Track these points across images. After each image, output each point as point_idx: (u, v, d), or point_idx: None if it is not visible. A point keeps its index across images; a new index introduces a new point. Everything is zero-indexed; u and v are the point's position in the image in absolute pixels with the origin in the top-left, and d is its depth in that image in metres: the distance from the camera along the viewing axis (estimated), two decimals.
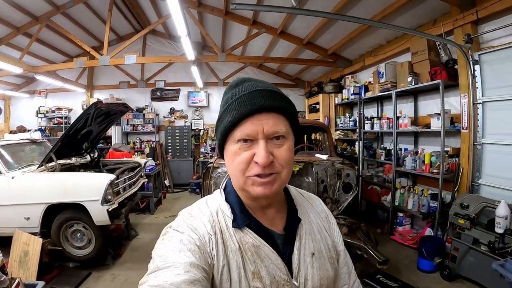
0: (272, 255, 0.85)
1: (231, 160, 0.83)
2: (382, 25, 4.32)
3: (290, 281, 0.86)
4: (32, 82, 10.18)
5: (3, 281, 2.04)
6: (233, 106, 0.80)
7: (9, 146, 4.73)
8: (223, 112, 0.83)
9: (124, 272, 4.29)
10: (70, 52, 9.32)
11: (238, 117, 0.78)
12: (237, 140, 0.80)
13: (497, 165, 3.95)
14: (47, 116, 9.99)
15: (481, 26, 4.11)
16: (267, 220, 0.91)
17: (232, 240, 0.84)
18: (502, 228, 3.25)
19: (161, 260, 0.74)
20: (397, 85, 5.38)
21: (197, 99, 10.48)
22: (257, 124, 0.78)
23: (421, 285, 3.80)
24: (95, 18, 7.96)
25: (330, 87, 7.71)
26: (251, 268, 0.83)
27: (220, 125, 0.84)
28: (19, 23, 7.01)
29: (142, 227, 6.15)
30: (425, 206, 4.73)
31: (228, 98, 0.83)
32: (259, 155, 0.77)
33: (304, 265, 0.90)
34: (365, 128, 6.13)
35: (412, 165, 4.94)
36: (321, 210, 1.08)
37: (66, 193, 4.09)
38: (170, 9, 3.99)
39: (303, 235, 0.93)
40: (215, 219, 0.87)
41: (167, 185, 9.60)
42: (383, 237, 5.34)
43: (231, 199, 0.91)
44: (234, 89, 0.85)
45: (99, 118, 4.95)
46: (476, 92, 4.10)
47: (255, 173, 0.79)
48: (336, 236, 1.06)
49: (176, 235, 0.81)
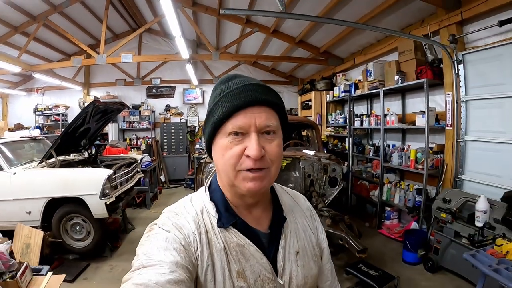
0: (257, 254, 0.85)
1: (221, 155, 0.81)
2: (366, 27, 4.51)
3: (275, 279, 0.87)
4: (30, 80, 10.25)
5: (13, 264, 2.22)
6: (226, 99, 0.79)
7: (9, 143, 4.87)
8: (214, 105, 0.82)
9: (121, 263, 4.48)
10: (67, 50, 9.42)
11: (231, 109, 0.78)
12: (228, 133, 0.79)
13: (479, 162, 4.11)
14: (44, 113, 10.08)
15: (466, 26, 4.23)
16: (253, 219, 0.91)
17: (217, 239, 0.84)
18: (482, 222, 3.38)
19: (146, 258, 0.73)
20: (385, 83, 5.53)
21: (192, 96, 10.63)
22: (250, 117, 0.78)
23: (405, 276, 3.94)
24: (92, 17, 8.05)
25: (322, 85, 7.86)
26: (236, 268, 0.83)
27: (211, 118, 0.82)
28: (17, 23, 7.10)
29: (138, 221, 6.34)
30: (410, 201, 4.89)
31: (220, 92, 0.83)
32: (251, 148, 0.76)
33: (289, 263, 0.91)
34: (355, 125, 6.30)
35: (399, 161, 5.09)
36: (306, 208, 1.09)
37: (66, 187, 4.27)
38: (164, 11, 4.15)
39: (288, 234, 0.94)
40: (200, 218, 0.86)
41: (163, 181, 9.75)
42: (371, 230, 5.53)
43: (216, 197, 0.91)
44: (225, 84, 0.84)
45: (96, 116, 5.11)
46: (460, 90, 4.23)
47: (247, 167, 0.78)
48: (320, 233, 1.07)
49: (162, 233, 0.80)
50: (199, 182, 3.71)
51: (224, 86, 0.83)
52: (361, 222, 5.87)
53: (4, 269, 2.18)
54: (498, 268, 2.37)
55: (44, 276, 2.45)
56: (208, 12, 7.19)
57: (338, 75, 7.46)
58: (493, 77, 3.83)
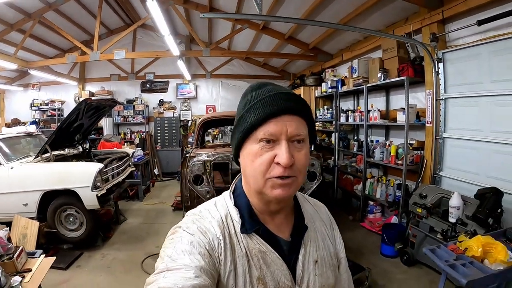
0: (278, 261, 0.86)
1: (250, 161, 0.81)
2: (346, 28, 4.64)
3: (293, 287, 0.87)
4: (26, 75, 10.35)
5: (10, 248, 2.51)
6: (258, 106, 0.80)
7: (7, 139, 5.07)
8: (245, 112, 0.81)
9: (112, 252, 4.74)
10: (63, 46, 9.55)
11: (263, 116, 0.78)
12: (259, 140, 0.79)
13: (456, 159, 4.21)
14: (40, 108, 10.26)
15: (448, 25, 4.30)
16: (275, 226, 0.91)
17: (240, 245, 0.84)
18: (455, 217, 3.47)
19: (170, 261, 0.73)
20: (368, 80, 5.68)
21: (185, 91, 10.79)
22: (281, 125, 0.78)
23: (381, 268, 4.10)
24: (86, 14, 8.15)
25: (311, 80, 8.04)
26: (256, 274, 0.83)
27: (242, 124, 0.82)
28: (13, 20, 7.20)
29: (130, 212, 6.58)
30: (391, 196, 5.05)
31: (251, 99, 0.83)
32: (282, 156, 0.77)
33: (307, 272, 0.91)
34: (341, 120, 6.48)
35: (381, 156, 5.24)
36: (326, 218, 1.09)
37: (60, 181, 4.50)
38: (151, 12, 4.31)
39: (308, 243, 0.94)
40: (224, 223, 0.86)
41: (156, 174, 9.94)
42: (354, 224, 5.71)
43: (240, 202, 0.91)
44: (256, 91, 0.84)
45: (89, 112, 5.32)
46: (440, 88, 4.33)
47: (276, 175, 0.78)
48: (338, 243, 1.08)
49: (186, 236, 0.80)
50: (184, 175, 3.90)
51: (255, 93, 0.84)
52: (346, 216, 6.06)
53: (3, 252, 2.47)
54: (454, 263, 2.42)
55: (38, 258, 2.71)
56: (198, 9, 7.30)
57: (327, 71, 7.60)
58: (471, 75, 3.92)
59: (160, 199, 7.63)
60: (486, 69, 3.69)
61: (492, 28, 3.69)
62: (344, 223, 5.73)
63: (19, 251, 2.53)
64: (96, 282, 3.95)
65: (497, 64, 3.58)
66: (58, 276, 3.96)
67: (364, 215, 5.74)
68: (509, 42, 3.39)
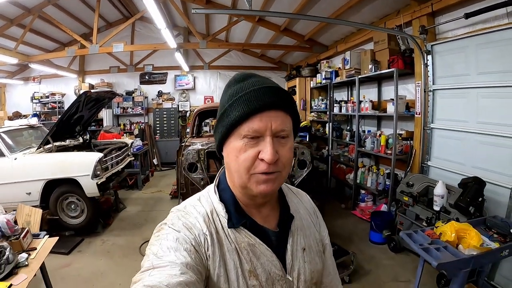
0: (267, 252, 0.86)
1: (234, 157, 0.80)
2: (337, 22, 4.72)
3: (284, 276, 0.88)
4: (26, 69, 10.44)
5: (17, 229, 2.78)
6: (242, 101, 0.77)
7: (9, 131, 5.27)
8: (229, 106, 0.79)
9: (112, 238, 4.98)
10: (62, 40, 9.63)
11: (247, 112, 0.76)
12: (243, 136, 0.78)
13: (443, 149, 4.31)
14: (41, 101, 10.38)
15: (438, 18, 4.34)
16: (262, 218, 0.91)
17: (228, 240, 0.84)
18: (439, 206, 3.57)
19: (156, 259, 0.72)
20: (361, 71, 5.77)
21: (183, 82, 10.93)
22: (266, 121, 0.77)
23: (369, 254, 4.26)
24: (85, 7, 8.22)
25: (306, 71, 8.14)
26: (247, 267, 0.83)
27: (225, 119, 0.80)
28: (13, 15, 7.27)
29: (130, 201, 6.82)
30: (381, 184, 5.19)
31: (235, 92, 0.81)
32: (266, 152, 0.76)
33: (297, 260, 0.92)
34: (334, 110, 6.59)
35: (371, 146, 5.37)
36: (309, 206, 1.10)
37: (62, 170, 4.72)
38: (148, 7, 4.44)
39: (295, 232, 0.95)
40: (210, 219, 0.85)
41: (156, 164, 10.14)
42: (346, 212, 5.89)
43: (225, 197, 0.90)
44: (240, 83, 0.82)
45: (89, 104, 5.50)
46: (428, 80, 4.39)
47: (261, 171, 0.78)
48: (322, 230, 1.09)
49: (172, 233, 0.80)
50: (179, 163, 4.08)
51: (239, 86, 0.82)
52: (338, 204, 6.24)
53: (10, 233, 2.72)
54: (428, 247, 2.51)
55: (42, 239, 2.96)
56: (195, 2, 7.39)
57: (322, 62, 7.65)
58: (458, 68, 3.97)
59: (159, 188, 7.86)
60: (473, 61, 3.75)
61: (480, 21, 3.73)
62: (336, 211, 5.91)
63: (25, 232, 2.77)
64: (96, 265, 4.19)
65: (483, 56, 3.62)
66: (60, 260, 4.20)
67: (356, 203, 5.88)
68: (495, 35, 3.44)
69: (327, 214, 5.60)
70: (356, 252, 4.02)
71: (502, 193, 3.40)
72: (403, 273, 3.79)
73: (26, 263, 2.49)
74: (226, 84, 0.88)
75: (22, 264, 2.46)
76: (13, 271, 2.36)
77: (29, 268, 2.47)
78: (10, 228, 2.73)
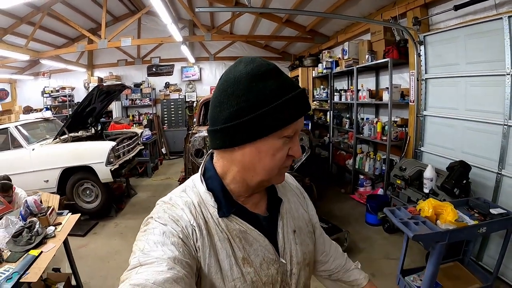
0: (260, 238, 0.86)
1: (271, 155, 0.79)
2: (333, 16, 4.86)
3: (278, 260, 0.88)
4: (36, 64, 10.75)
5: (43, 208, 3.16)
6: (291, 105, 0.76)
7: (26, 124, 5.65)
8: (274, 108, 0.74)
9: (124, 221, 5.38)
10: (71, 35, 9.95)
11: (296, 117, 0.77)
12: (284, 136, 0.78)
13: (435, 135, 4.46)
14: (52, 95, 10.68)
15: (431, 9, 4.41)
16: (252, 204, 0.91)
17: (218, 229, 0.82)
18: (428, 188, 3.74)
19: (142, 255, 0.70)
20: (359, 61, 5.96)
21: (190, 74, 11.20)
22: (300, 122, 0.80)
23: (364, 234, 4.50)
24: (91, 3, 8.43)
25: (309, 61, 8.33)
26: (241, 255, 0.83)
27: (266, 119, 0.74)
28: (22, 14, 7.52)
29: (140, 188, 7.22)
30: (378, 169, 5.43)
31: (277, 90, 0.76)
32: (297, 150, 0.82)
33: (288, 243, 0.93)
34: (335, 99, 6.81)
35: (369, 133, 5.59)
36: (295, 187, 1.11)
37: (78, 158, 5.10)
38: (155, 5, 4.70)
39: (285, 215, 0.96)
40: (197, 209, 0.83)
41: (164, 153, 10.47)
42: (345, 196, 6.15)
43: (213, 185, 0.87)
44: (273, 80, 0.77)
45: (101, 96, 5.84)
46: (421, 69, 4.54)
47: (288, 165, 0.84)
48: (310, 210, 1.11)
49: (158, 226, 0.77)
50: (187, 150, 4.37)
51: (278, 84, 0.77)
52: (338, 189, 6.48)
53: (37, 211, 3.07)
54: (408, 221, 2.69)
55: (65, 216, 3.40)
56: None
57: (324, 52, 7.77)
58: (449, 57, 4.09)
59: (167, 176, 8.24)
60: (462, 51, 3.86)
61: (470, 12, 3.84)
62: (335, 196, 6.18)
63: (50, 210, 3.18)
64: (111, 245, 4.57)
65: (471, 47, 3.75)
66: (77, 242, 4.57)
67: (355, 188, 6.11)
68: (482, 26, 3.57)
69: (327, 198, 5.90)
70: (352, 232, 4.27)
71: (489, 177, 3.56)
72: (395, 251, 3.97)
73: (54, 235, 2.87)
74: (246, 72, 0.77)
75: (50, 236, 2.83)
76: (42, 241, 2.73)
77: (56, 238, 2.84)
78: (37, 206, 3.09)
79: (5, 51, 6.91)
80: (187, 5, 7.97)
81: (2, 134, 5.35)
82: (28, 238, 2.64)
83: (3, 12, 6.95)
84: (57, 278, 3.23)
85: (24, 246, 2.60)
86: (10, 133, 5.26)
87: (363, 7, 5.77)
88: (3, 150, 5.27)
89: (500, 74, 3.36)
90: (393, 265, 3.65)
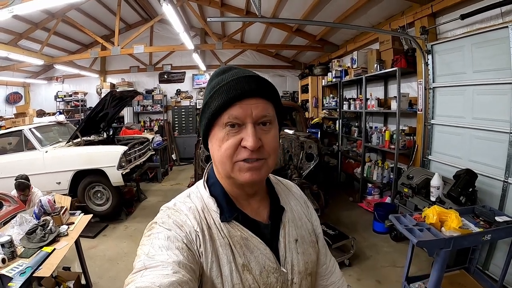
0: (261, 245, 0.85)
1: (217, 146, 0.80)
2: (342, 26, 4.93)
3: (278, 268, 0.87)
4: (49, 69, 11.03)
5: (56, 207, 3.29)
6: (222, 91, 0.77)
7: (40, 127, 5.81)
8: (209, 98, 0.79)
9: (134, 224, 5.46)
10: (84, 41, 10.23)
11: (227, 100, 0.76)
12: (225, 125, 0.77)
13: (443, 144, 4.44)
14: (65, 100, 10.95)
15: (439, 18, 4.49)
16: (252, 211, 0.91)
17: (221, 235, 0.83)
18: (435, 196, 3.71)
19: (147, 259, 0.71)
20: (367, 70, 5.99)
21: (201, 81, 11.36)
22: (246, 108, 0.77)
23: (371, 242, 4.50)
24: (105, 10, 8.66)
25: (318, 70, 8.40)
26: (241, 261, 0.82)
27: (206, 110, 0.80)
28: (37, 20, 7.76)
29: (150, 192, 7.32)
30: (386, 178, 5.44)
31: (215, 84, 0.80)
32: (247, 139, 0.76)
33: (290, 252, 0.91)
34: (344, 108, 6.84)
35: (377, 141, 5.60)
36: (299, 196, 1.09)
37: (90, 161, 5.22)
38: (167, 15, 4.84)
39: (287, 223, 0.94)
40: (201, 215, 0.84)
41: (174, 159, 10.58)
42: (353, 204, 6.15)
43: (215, 191, 0.89)
44: (220, 76, 0.82)
45: (113, 102, 5.99)
46: (429, 78, 4.54)
47: (243, 158, 0.77)
48: (314, 220, 1.08)
49: (163, 231, 0.78)
50: (197, 155, 4.46)
51: (219, 78, 0.81)
52: (346, 197, 6.49)
53: (51, 210, 3.20)
54: (412, 228, 2.70)
55: (78, 216, 3.49)
56: (211, 5, 7.74)
57: (333, 61, 7.85)
58: (456, 66, 4.10)
59: (177, 181, 8.36)
60: (469, 60, 3.86)
61: (477, 21, 3.89)
62: (344, 203, 6.18)
63: (64, 210, 3.31)
64: (120, 247, 4.66)
65: (478, 55, 3.76)
66: (87, 243, 4.65)
67: (363, 196, 6.10)
68: (488, 34, 3.59)
69: (335, 206, 5.88)
70: (359, 240, 4.27)
71: (495, 185, 3.54)
72: (401, 259, 3.92)
73: (66, 233, 2.97)
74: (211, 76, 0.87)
75: (63, 234, 2.94)
76: (55, 239, 2.83)
77: (68, 237, 2.95)
78: (51, 206, 3.22)
79: (20, 56, 7.12)
80: (198, 14, 8.13)
81: (16, 136, 5.53)
82: (41, 236, 2.74)
83: (19, 17, 7.15)
84: (68, 277, 3.33)
85: (38, 243, 2.70)
86: (24, 135, 5.42)
87: (372, 17, 5.86)
88: (17, 151, 5.44)
89: (506, 82, 3.38)
90: (399, 273, 3.63)
